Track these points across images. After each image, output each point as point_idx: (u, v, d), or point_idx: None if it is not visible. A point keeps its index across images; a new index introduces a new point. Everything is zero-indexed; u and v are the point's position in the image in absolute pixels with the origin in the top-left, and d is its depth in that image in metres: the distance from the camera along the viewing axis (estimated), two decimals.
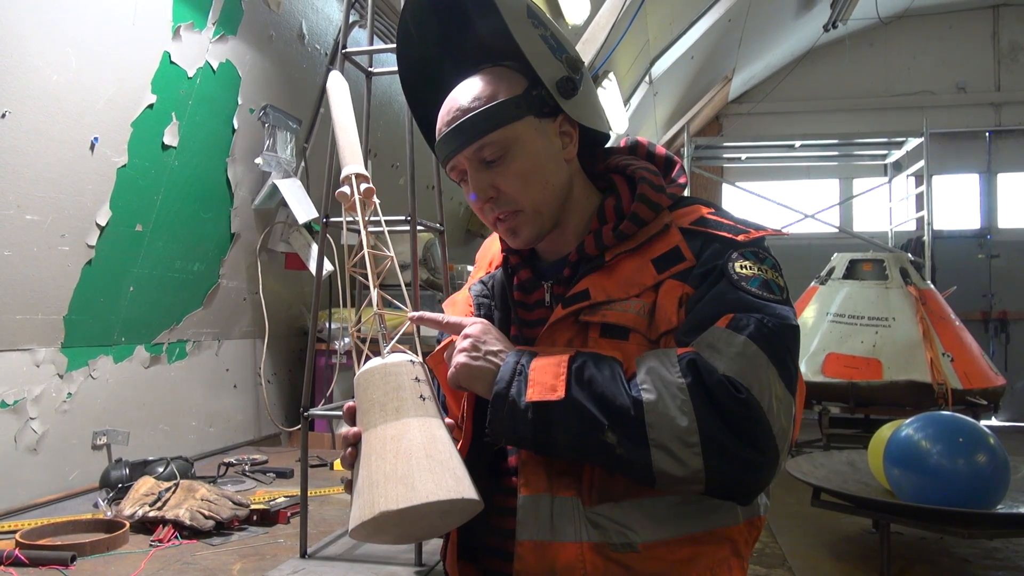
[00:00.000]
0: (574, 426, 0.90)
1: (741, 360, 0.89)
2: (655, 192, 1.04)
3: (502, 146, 1.01)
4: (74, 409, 2.25)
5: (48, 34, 1.90)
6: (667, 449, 0.87)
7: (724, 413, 0.87)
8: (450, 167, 1.07)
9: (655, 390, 0.88)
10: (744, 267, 0.97)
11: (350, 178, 1.08)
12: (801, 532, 4.07)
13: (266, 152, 2.82)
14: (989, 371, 5.52)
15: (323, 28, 3.03)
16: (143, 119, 2.24)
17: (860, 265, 5.97)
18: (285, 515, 1.88)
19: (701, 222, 1.03)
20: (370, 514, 0.84)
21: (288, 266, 3.23)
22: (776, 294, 0.96)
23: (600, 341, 0.98)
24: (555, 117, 1.05)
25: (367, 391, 0.94)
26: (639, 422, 0.88)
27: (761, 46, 7.93)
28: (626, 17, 4.55)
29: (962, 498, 2.99)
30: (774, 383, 0.90)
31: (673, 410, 0.87)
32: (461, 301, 1.17)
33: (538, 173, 1.03)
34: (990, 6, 8.74)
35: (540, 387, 0.92)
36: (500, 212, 1.05)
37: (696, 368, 0.89)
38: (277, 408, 3.29)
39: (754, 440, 0.88)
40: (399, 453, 0.88)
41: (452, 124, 1.03)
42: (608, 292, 1.00)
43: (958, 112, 8.75)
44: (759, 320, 0.92)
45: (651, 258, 1.01)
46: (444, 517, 0.90)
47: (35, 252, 2.03)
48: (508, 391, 0.94)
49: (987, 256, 8.56)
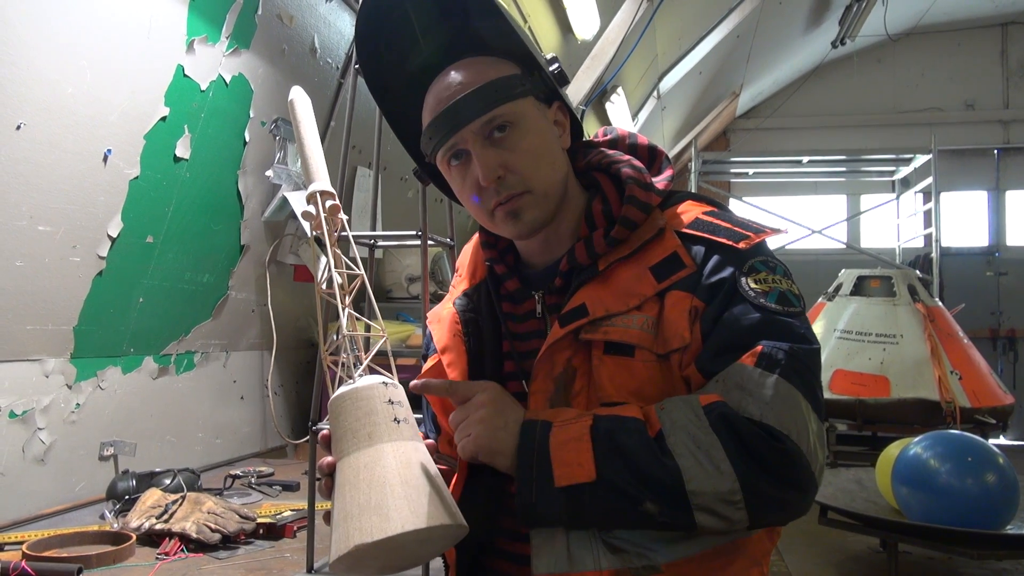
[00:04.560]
0: (610, 504, 0.86)
1: (777, 403, 0.86)
2: (643, 191, 0.98)
3: (510, 120, 0.95)
4: (82, 420, 2.25)
5: (64, 48, 1.92)
6: (711, 510, 0.84)
7: (766, 465, 0.84)
8: (448, 146, 0.98)
9: (690, 453, 0.84)
10: (758, 281, 0.92)
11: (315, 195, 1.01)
12: (808, 550, 4.03)
13: (277, 165, 2.84)
14: (998, 389, 5.48)
15: (335, 42, 3.05)
16: (156, 131, 2.25)
17: (868, 282, 5.94)
18: (291, 529, 1.88)
19: (697, 225, 0.98)
20: (345, 548, 0.81)
21: (297, 278, 3.24)
22: (795, 305, 0.93)
23: (605, 359, 0.93)
24: (550, 104, 1.01)
25: (339, 418, 0.90)
26: (679, 491, 0.84)
27: (769, 62, 7.95)
28: (635, 32, 4.56)
29: (971, 518, 2.96)
30: (809, 418, 0.87)
31: (713, 474, 0.84)
32: (446, 317, 1.09)
33: (547, 153, 0.98)
34: (999, 24, 8.75)
35: (567, 468, 0.86)
36: (506, 194, 0.97)
37: (729, 423, 0.85)
38: (284, 420, 3.29)
39: (797, 483, 0.86)
40: (372, 482, 0.84)
41: (454, 98, 0.95)
42: (607, 306, 0.94)
43: (966, 129, 8.74)
44: (788, 353, 0.88)
45: (648, 265, 0.95)
46: (424, 545, 0.87)
47: (47, 263, 2.04)
48: (531, 474, 0.87)
49: (995, 274, 8.53)
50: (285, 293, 3.22)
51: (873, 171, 8.86)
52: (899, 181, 8.66)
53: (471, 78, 0.96)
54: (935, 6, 7.51)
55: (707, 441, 0.84)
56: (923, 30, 8.40)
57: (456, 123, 0.96)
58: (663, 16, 4.85)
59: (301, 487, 2.42)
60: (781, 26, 7.07)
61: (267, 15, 2.59)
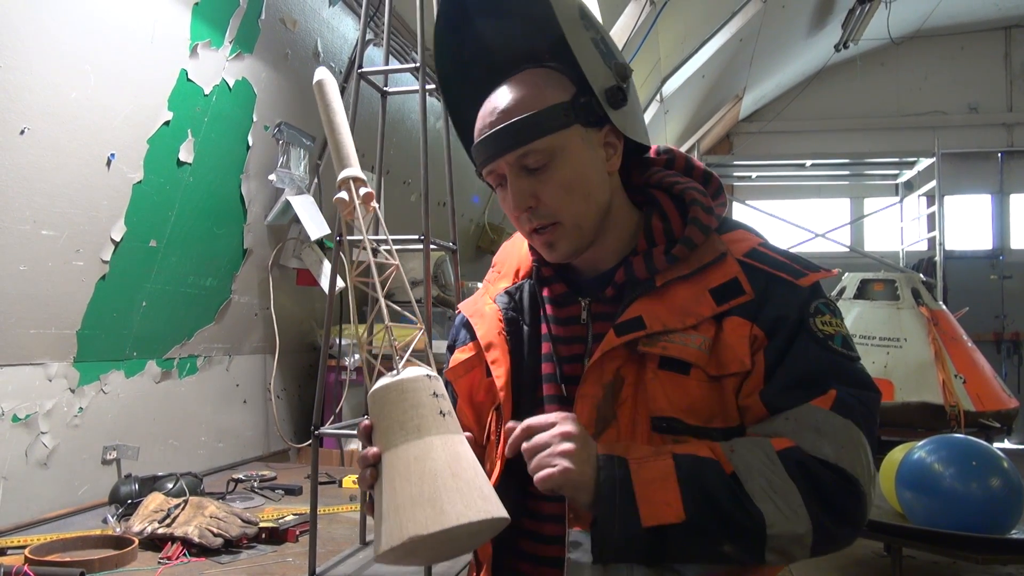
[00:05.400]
0: (694, 546, 0.88)
1: (850, 448, 0.91)
2: (706, 215, 1.00)
3: (547, 154, 0.96)
4: (85, 424, 2.25)
5: (67, 53, 1.92)
6: (782, 551, 0.89)
7: (837, 508, 0.89)
8: (487, 171, 1.01)
9: (768, 499, 0.87)
10: (826, 323, 0.96)
11: (347, 182, 0.98)
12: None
13: (280, 169, 2.84)
14: (1002, 393, 5.46)
15: (338, 47, 3.06)
16: (159, 136, 2.26)
17: (871, 285, 5.93)
18: (294, 533, 1.88)
19: (756, 255, 1.00)
20: (399, 539, 0.82)
21: (300, 282, 3.25)
22: (855, 351, 0.97)
23: (659, 374, 0.94)
24: (601, 127, 1.00)
25: (384, 409, 0.90)
26: (760, 536, 0.87)
27: (772, 65, 7.94)
28: (638, 36, 4.56)
29: (975, 522, 2.95)
30: (871, 464, 0.93)
31: (791, 516, 0.87)
32: (490, 315, 1.09)
33: (581, 185, 0.98)
34: (1002, 27, 8.74)
35: (654, 508, 0.87)
36: (537, 223, 0.99)
37: (805, 468, 0.89)
38: (286, 424, 3.29)
39: (857, 522, 0.92)
40: (424, 474, 0.85)
41: (495, 127, 0.97)
42: (664, 321, 0.95)
43: (970, 132, 8.73)
44: (860, 401, 0.93)
45: (708, 287, 0.97)
46: (473, 537, 0.88)
47: (50, 267, 2.04)
48: (615, 513, 0.87)
49: (999, 277, 8.50)
50: (288, 297, 3.22)
51: (876, 174, 8.86)
52: (902, 184, 8.65)
53: (514, 105, 0.97)
54: (938, 9, 7.52)
55: (784, 487, 0.88)
56: (926, 33, 8.40)
57: (492, 153, 0.98)
58: (666, 20, 4.86)
59: (304, 491, 2.42)
60: (784, 30, 7.07)
61: (270, 19, 2.59)
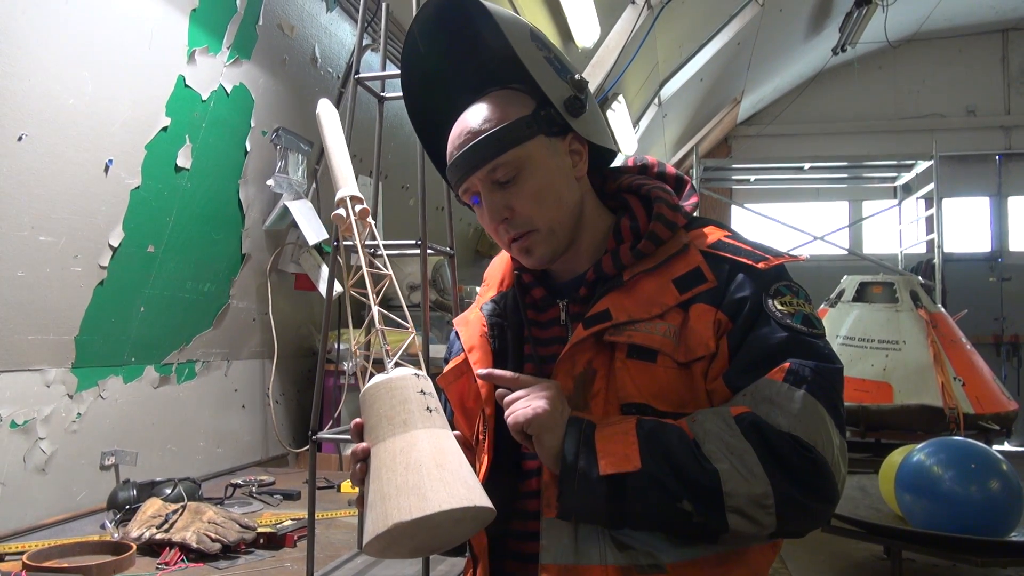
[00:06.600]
0: (651, 497, 0.90)
1: (804, 417, 0.91)
2: (671, 211, 1.05)
3: (515, 166, 1.02)
4: (83, 429, 2.25)
5: (66, 58, 1.92)
6: (744, 513, 0.89)
7: (795, 472, 0.90)
8: (463, 190, 1.06)
9: (725, 458, 0.89)
10: (783, 303, 0.99)
11: (345, 200, 1.09)
12: (811, 558, 4.02)
13: (278, 174, 2.84)
14: (1001, 395, 5.46)
15: (335, 52, 3.07)
16: (157, 141, 2.26)
17: (870, 288, 5.92)
18: (292, 539, 1.88)
19: (720, 246, 1.04)
20: (383, 526, 0.84)
21: (298, 287, 3.25)
22: (818, 328, 0.99)
23: (628, 362, 0.98)
24: (564, 136, 1.05)
25: (373, 405, 0.95)
26: (716, 493, 0.88)
27: (770, 69, 7.96)
28: (635, 40, 4.58)
29: (975, 525, 2.94)
30: (833, 434, 0.93)
31: (747, 477, 0.89)
32: (474, 321, 1.16)
33: (551, 192, 1.04)
34: (1000, 30, 8.76)
35: (612, 458, 0.90)
36: (515, 232, 1.05)
37: (760, 432, 0.90)
38: (285, 429, 3.29)
39: (822, 492, 0.91)
40: (409, 465, 0.88)
41: (464, 147, 1.03)
42: (629, 312, 0.99)
43: (968, 135, 8.75)
44: (814, 370, 0.94)
45: (671, 278, 1.01)
46: (457, 526, 0.90)
47: (48, 273, 2.04)
48: (577, 462, 0.91)
49: (998, 279, 8.52)
50: (286, 302, 3.22)
51: (875, 177, 8.85)
52: (901, 187, 8.64)
53: (480, 124, 1.03)
54: (935, 13, 7.53)
55: (740, 447, 0.90)
56: (924, 36, 8.42)
57: (464, 172, 1.04)
58: (664, 24, 4.87)
59: (302, 496, 2.42)
60: (782, 33, 7.08)
61: (268, 25, 2.60)
